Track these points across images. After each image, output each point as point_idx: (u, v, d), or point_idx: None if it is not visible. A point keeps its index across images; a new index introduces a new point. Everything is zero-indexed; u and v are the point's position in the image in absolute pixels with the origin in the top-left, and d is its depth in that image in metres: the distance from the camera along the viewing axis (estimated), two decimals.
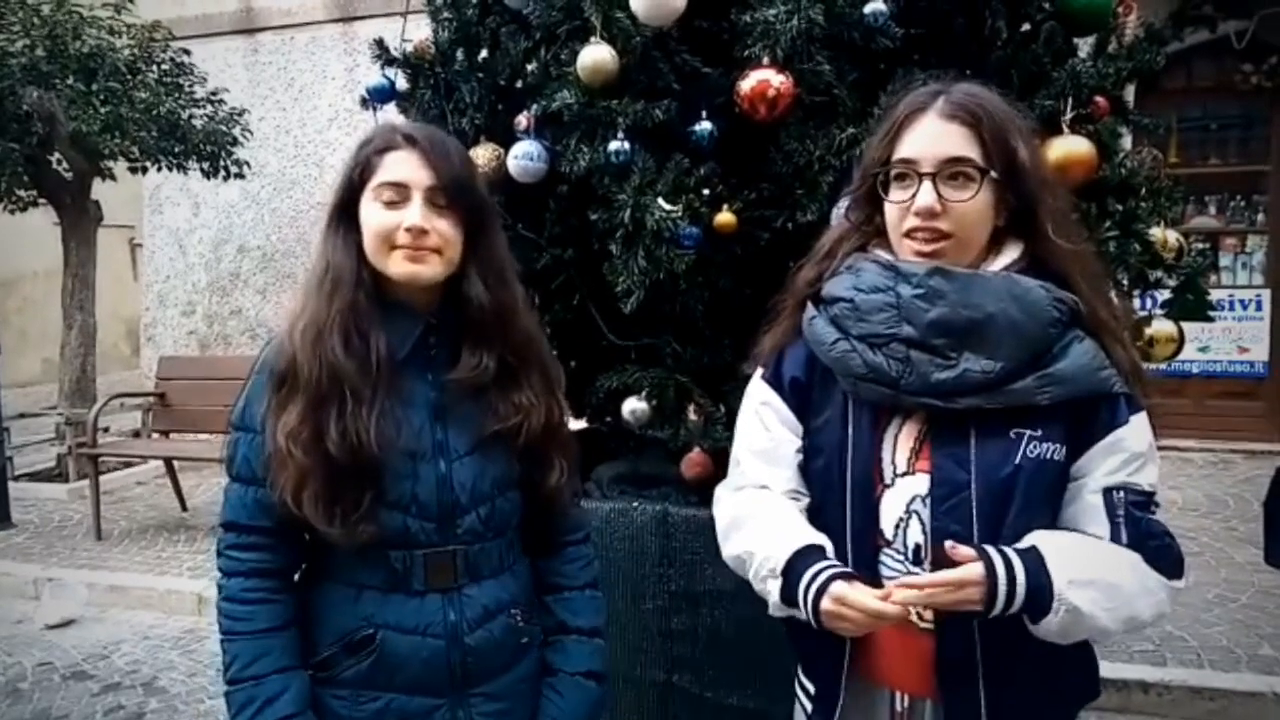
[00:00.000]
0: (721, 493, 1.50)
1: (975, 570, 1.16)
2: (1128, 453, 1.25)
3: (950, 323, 1.24)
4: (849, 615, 1.19)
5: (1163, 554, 1.25)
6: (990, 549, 1.19)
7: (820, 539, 1.30)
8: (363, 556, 1.36)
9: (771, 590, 1.30)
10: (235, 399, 1.42)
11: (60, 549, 5.39)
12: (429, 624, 1.38)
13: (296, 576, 1.44)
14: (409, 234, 1.32)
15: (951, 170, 1.25)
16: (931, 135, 1.27)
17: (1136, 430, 1.26)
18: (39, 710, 3.58)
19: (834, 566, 1.24)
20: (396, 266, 1.34)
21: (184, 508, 6.02)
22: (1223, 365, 6.77)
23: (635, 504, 2.28)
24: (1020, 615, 1.18)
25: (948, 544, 1.19)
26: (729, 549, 1.43)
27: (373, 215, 1.35)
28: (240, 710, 1.35)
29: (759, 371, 1.46)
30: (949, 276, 1.25)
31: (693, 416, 2.35)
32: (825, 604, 1.20)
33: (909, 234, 1.28)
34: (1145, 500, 1.26)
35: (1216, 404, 6.72)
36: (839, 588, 1.20)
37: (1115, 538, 1.23)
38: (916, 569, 1.27)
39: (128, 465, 6.99)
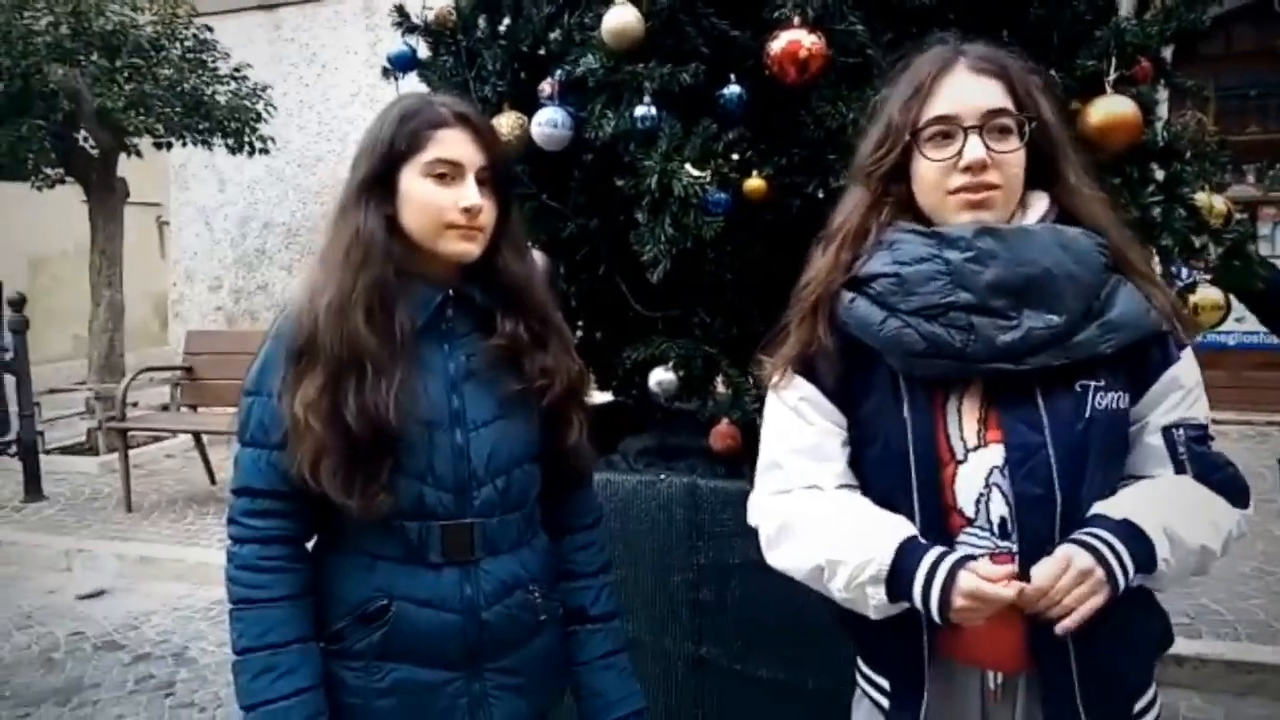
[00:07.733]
0: (760, 499, 1.39)
1: (1084, 560, 1.12)
2: (1183, 390, 1.25)
3: (1008, 282, 1.19)
4: (983, 610, 1.14)
5: (1228, 484, 1.24)
6: (1073, 540, 1.15)
7: (909, 525, 1.24)
8: (378, 527, 1.35)
9: (873, 595, 1.21)
10: (249, 366, 1.41)
11: (91, 521, 5.46)
12: (445, 597, 1.37)
13: (309, 546, 1.43)
14: (466, 214, 1.34)
15: (994, 122, 1.23)
16: (967, 89, 1.24)
17: (1186, 366, 1.26)
18: (71, 679, 3.62)
19: (946, 555, 1.18)
20: (450, 245, 1.35)
21: (212, 480, 6.08)
22: (1259, 336, 6.62)
23: (663, 476, 2.26)
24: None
25: (1033, 570, 1.14)
26: (783, 558, 1.34)
27: (425, 191, 1.34)
28: (257, 677, 1.31)
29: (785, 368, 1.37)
30: (997, 235, 1.21)
31: (721, 388, 2.31)
32: (960, 602, 1.14)
33: (954, 191, 1.23)
34: (1202, 434, 1.25)
35: (1253, 375, 6.62)
36: (970, 584, 1.14)
37: (1179, 474, 1.23)
38: (1005, 543, 1.21)
39: (156, 439, 7.06)
